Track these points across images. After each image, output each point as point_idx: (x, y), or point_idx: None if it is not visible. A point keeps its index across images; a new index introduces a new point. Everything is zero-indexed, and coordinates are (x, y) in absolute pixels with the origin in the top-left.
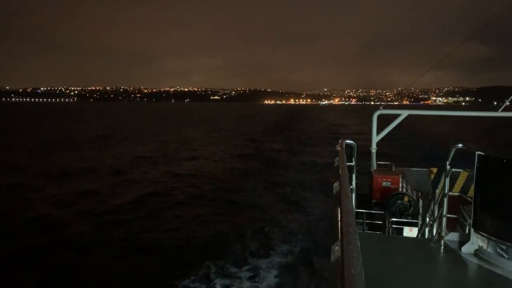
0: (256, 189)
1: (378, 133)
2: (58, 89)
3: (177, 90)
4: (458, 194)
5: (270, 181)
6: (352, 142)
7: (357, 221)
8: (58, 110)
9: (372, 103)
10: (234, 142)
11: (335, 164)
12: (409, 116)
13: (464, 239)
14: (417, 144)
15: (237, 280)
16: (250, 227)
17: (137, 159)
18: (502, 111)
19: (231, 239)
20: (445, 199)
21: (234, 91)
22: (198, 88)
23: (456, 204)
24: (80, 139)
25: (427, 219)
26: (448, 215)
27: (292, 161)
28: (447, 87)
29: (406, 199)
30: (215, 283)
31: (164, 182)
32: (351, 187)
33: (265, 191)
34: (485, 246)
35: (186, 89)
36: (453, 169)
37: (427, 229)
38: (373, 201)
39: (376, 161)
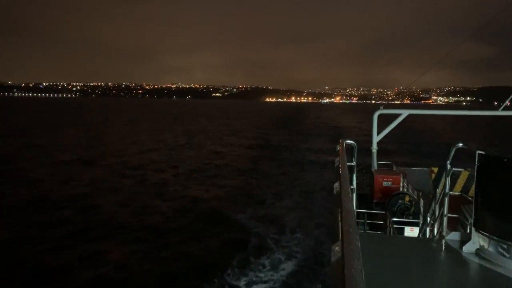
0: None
1: (378, 132)
2: (60, 84)
3: (178, 87)
4: (459, 193)
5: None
6: (352, 142)
7: (358, 221)
8: (73, 105)
9: (373, 101)
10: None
11: (336, 164)
12: (409, 115)
13: (465, 239)
14: (417, 143)
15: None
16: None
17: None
18: (502, 110)
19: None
20: (446, 199)
21: (235, 88)
22: (199, 85)
23: (457, 203)
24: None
25: (428, 219)
26: (449, 215)
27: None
28: (448, 87)
29: (407, 198)
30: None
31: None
32: (351, 187)
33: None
34: (486, 246)
35: (187, 86)
36: (454, 169)
37: (428, 229)
38: (374, 201)
39: (377, 161)
